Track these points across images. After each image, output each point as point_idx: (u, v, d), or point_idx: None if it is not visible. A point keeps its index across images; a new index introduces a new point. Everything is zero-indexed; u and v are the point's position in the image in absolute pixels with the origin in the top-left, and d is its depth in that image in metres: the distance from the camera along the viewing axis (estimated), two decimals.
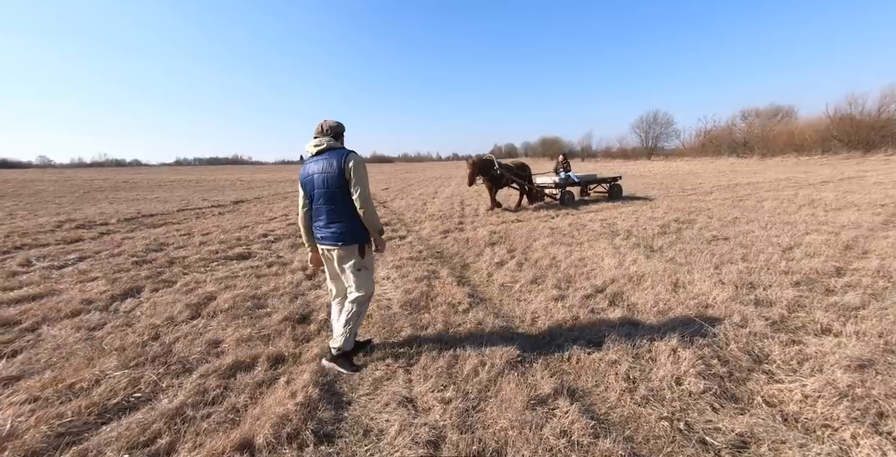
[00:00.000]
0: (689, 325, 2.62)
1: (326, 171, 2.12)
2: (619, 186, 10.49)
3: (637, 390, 1.95)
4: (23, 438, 1.65)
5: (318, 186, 2.14)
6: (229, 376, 2.18)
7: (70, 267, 4.38)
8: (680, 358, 2.18)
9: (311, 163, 2.19)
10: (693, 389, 1.93)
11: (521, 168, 8.94)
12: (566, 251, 4.86)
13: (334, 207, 2.14)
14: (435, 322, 2.87)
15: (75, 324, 2.81)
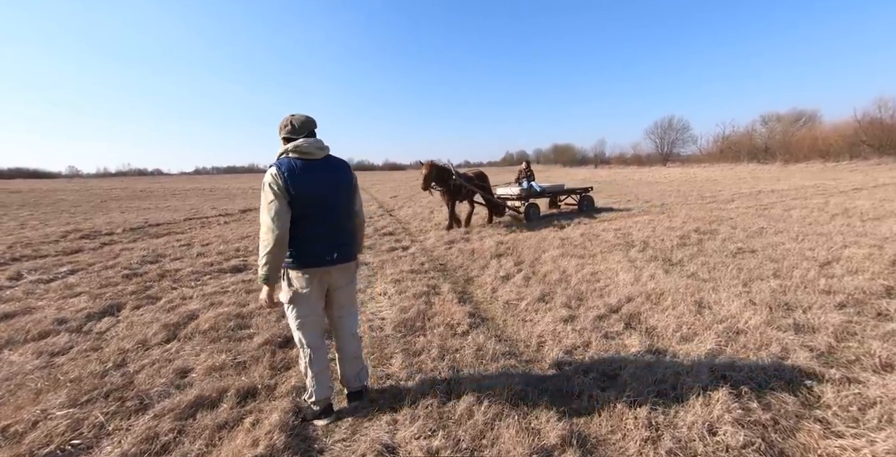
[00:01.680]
0: (719, 355, 2.25)
1: (342, 180, 1.86)
2: (591, 197, 9.67)
3: (661, 441, 1.60)
4: None
5: (330, 198, 1.79)
6: (188, 417, 1.92)
7: (59, 281, 4.26)
8: (711, 399, 1.82)
9: (312, 170, 1.74)
10: (731, 441, 1.56)
11: (480, 178, 7.84)
12: (577, 264, 4.50)
13: (347, 220, 1.90)
14: (430, 347, 2.57)
15: (38, 348, 2.60)
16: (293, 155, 1.76)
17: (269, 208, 1.66)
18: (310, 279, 1.80)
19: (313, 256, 1.77)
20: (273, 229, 1.65)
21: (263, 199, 1.69)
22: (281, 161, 1.75)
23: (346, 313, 1.98)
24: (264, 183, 1.69)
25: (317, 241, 1.78)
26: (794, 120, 41.61)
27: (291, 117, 1.82)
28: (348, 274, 1.94)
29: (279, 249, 1.68)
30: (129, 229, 8.09)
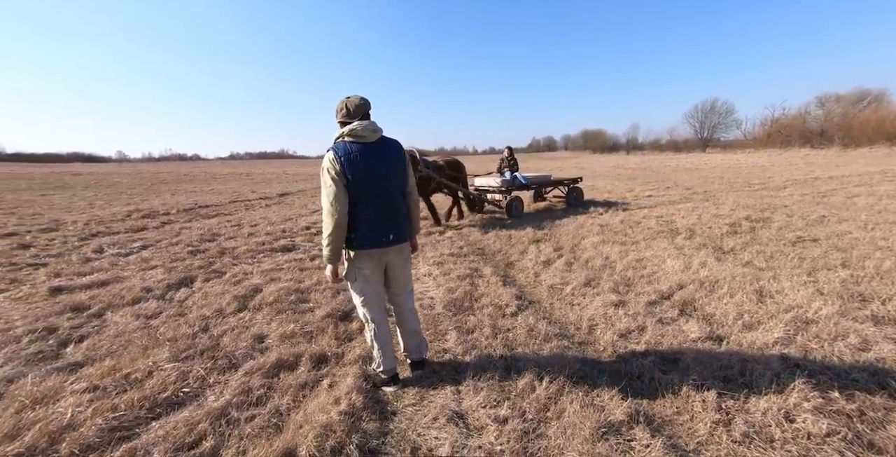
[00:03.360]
0: (789, 344, 2.19)
1: (396, 162, 1.88)
2: (580, 189, 8.61)
3: (734, 425, 1.61)
4: (79, 430, 1.67)
5: (385, 180, 1.83)
6: (273, 376, 2.13)
7: (135, 255, 4.70)
8: (786, 387, 1.79)
9: (367, 154, 1.76)
10: (812, 429, 1.55)
11: (453, 167, 6.83)
12: (620, 251, 4.43)
13: (401, 202, 1.95)
14: (482, 325, 2.66)
15: (135, 311, 2.94)
16: (349, 139, 1.77)
17: (329, 193, 1.72)
18: (369, 259, 1.88)
19: (372, 238, 1.83)
20: (333, 213, 1.72)
21: (322, 183, 1.75)
22: (337, 145, 1.77)
23: (403, 291, 2.07)
24: (323, 168, 1.74)
25: (374, 223, 1.82)
26: (857, 100, 37.42)
27: (346, 101, 1.82)
28: (404, 254, 2.01)
29: (340, 232, 1.75)
30: (183, 210, 8.69)
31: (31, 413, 1.77)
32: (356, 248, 1.84)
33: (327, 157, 1.75)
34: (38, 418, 1.73)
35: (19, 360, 2.25)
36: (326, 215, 1.74)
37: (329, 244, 1.77)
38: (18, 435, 1.64)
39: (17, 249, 4.85)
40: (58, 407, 1.80)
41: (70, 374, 2.12)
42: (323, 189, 1.75)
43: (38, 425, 1.68)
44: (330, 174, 1.72)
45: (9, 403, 1.86)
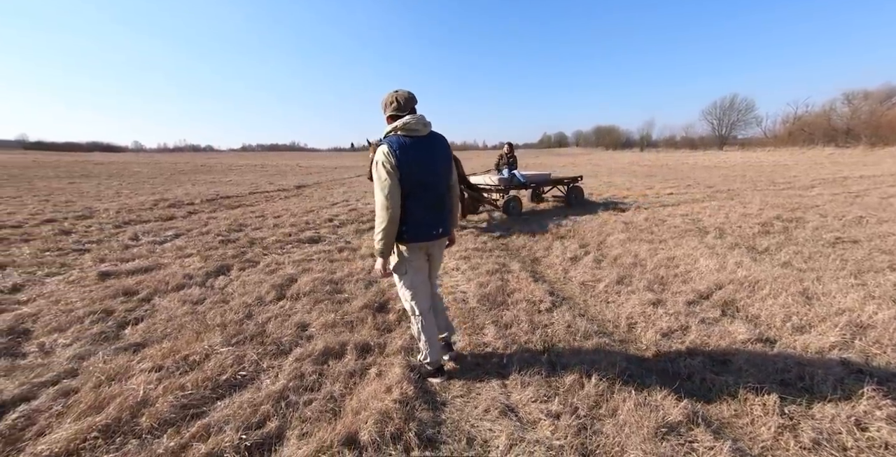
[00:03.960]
0: (847, 348, 2.16)
1: (445, 156, 1.89)
2: (580, 188, 8.14)
3: (801, 431, 1.60)
4: (155, 406, 1.76)
5: (436, 174, 1.84)
6: (322, 363, 2.19)
7: (169, 243, 4.83)
8: (853, 393, 1.76)
9: (419, 147, 1.77)
10: (889, 439, 1.52)
11: None
12: (649, 249, 4.38)
13: (448, 196, 1.97)
14: (518, 321, 2.68)
15: (181, 297, 3.04)
16: (401, 133, 1.77)
17: (383, 187, 1.71)
18: (418, 252, 1.92)
19: (422, 232, 1.85)
20: (387, 207, 1.72)
21: (377, 177, 1.73)
22: (390, 139, 1.76)
23: (435, 277, 2.18)
24: (377, 161, 1.73)
25: (425, 216, 1.84)
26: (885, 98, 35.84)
27: (396, 94, 1.82)
28: (443, 247, 2.08)
29: (393, 226, 1.75)
30: (206, 200, 8.86)
31: (107, 388, 1.87)
32: (407, 241, 1.85)
33: (381, 150, 1.74)
34: (115, 393, 1.83)
35: (86, 339, 2.36)
36: (381, 209, 1.74)
37: (383, 238, 1.77)
38: (102, 408, 1.74)
39: (59, 234, 5.03)
40: (130, 384, 1.90)
41: (134, 354, 2.22)
42: (377, 183, 1.74)
43: (117, 399, 1.79)
44: (385, 168, 1.71)
45: (86, 378, 1.97)
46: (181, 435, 1.61)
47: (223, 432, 1.63)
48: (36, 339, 2.37)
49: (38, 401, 1.79)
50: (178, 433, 1.63)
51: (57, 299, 2.91)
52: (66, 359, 2.14)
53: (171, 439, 1.59)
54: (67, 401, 1.80)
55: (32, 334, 2.41)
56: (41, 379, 1.95)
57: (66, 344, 2.31)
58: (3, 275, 3.43)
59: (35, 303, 2.86)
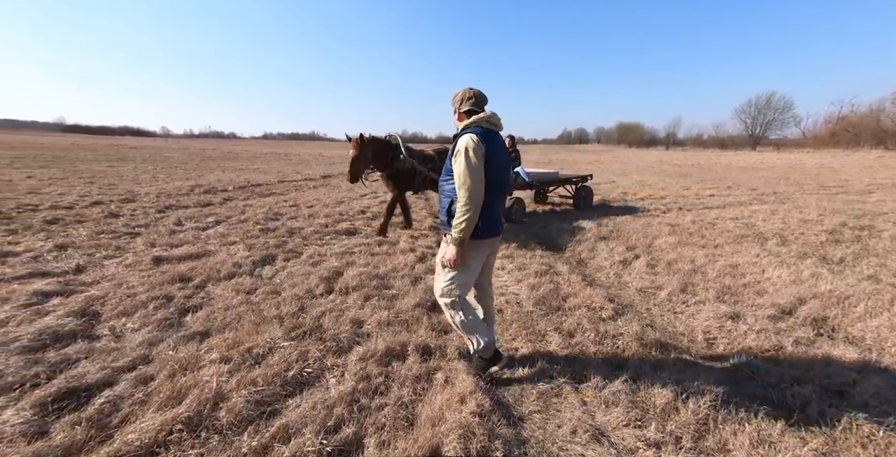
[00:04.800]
0: None
1: (507, 153, 1.92)
2: (589, 189, 7.28)
3: None
4: (231, 400, 1.72)
5: (506, 170, 1.88)
6: (386, 364, 2.12)
7: (211, 229, 4.88)
8: None
9: (498, 142, 1.82)
10: None
11: (443, 157, 5.20)
12: (706, 255, 4.13)
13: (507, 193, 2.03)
14: (582, 329, 2.54)
15: (233, 286, 3.03)
16: (485, 125, 1.79)
17: (473, 175, 1.69)
18: (484, 248, 1.91)
19: (493, 228, 1.86)
20: (475, 196, 1.70)
21: (465, 165, 1.69)
22: (476, 129, 1.77)
23: (489, 278, 2.16)
24: (466, 149, 1.70)
25: (496, 211, 1.87)
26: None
27: (471, 90, 1.87)
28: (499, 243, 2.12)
29: (476, 215, 1.73)
30: (238, 188, 8.99)
31: (182, 378, 1.86)
32: (479, 237, 1.82)
33: (470, 138, 1.72)
34: (190, 384, 1.82)
35: (152, 325, 2.37)
36: (467, 198, 1.70)
37: (466, 226, 1.72)
38: (181, 400, 1.72)
39: (109, 217, 5.17)
40: (203, 376, 1.88)
41: (200, 343, 2.21)
42: (466, 169, 1.69)
43: (193, 391, 1.77)
44: (477, 154, 1.70)
45: (161, 366, 1.96)
46: (261, 434, 1.57)
47: (302, 434, 1.57)
48: (106, 322, 2.40)
49: (120, 387, 1.79)
50: (257, 432, 1.59)
51: (119, 283, 2.95)
52: (136, 344, 2.15)
53: (252, 438, 1.55)
54: (147, 389, 1.79)
55: (102, 317, 2.44)
56: (118, 364, 1.95)
57: (134, 329, 2.32)
58: (66, 255, 3.52)
59: (100, 285, 2.90)
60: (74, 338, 2.18)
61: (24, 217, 4.84)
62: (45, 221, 4.68)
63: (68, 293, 2.70)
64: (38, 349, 2.04)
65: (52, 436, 1.48)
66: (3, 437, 1.46)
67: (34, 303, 2.51)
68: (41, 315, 2.38)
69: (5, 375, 1.81)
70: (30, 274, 3.00)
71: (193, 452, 1.47)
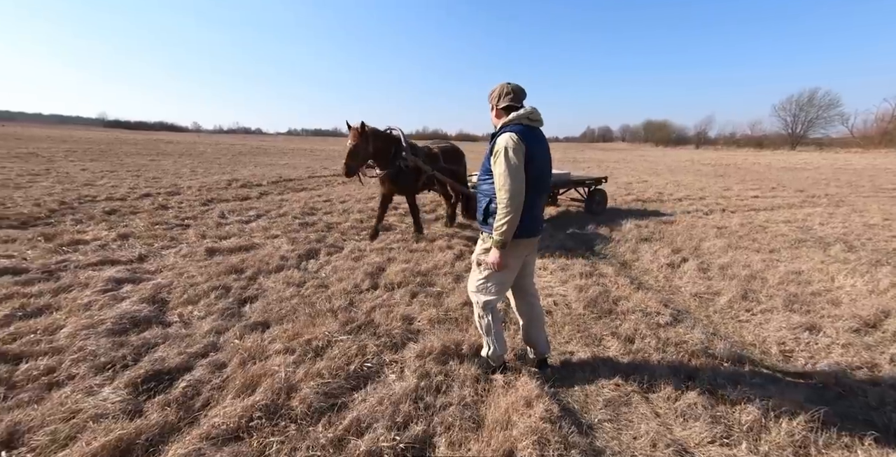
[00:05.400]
0: None
1: (548, 152, 1.86)
2: (604, 192, 6.58)
3: None
4: (300, 392, 1.75)
5: (547, 168, 1.84)
6: (443, 362, 2.11)
7: (253, 222, 5.03)
8: None
9: (539, 139, 1.78)
10: None
11: (451, 157, 4.88)
12: (762, 260, 3.90)
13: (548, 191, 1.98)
14: (641, 334, 2.44)
15: (283, 278, 3.10)
16: (526, 122, 1.74)
17: (513, 176, 1.65)
18: (525, 247, 1.88)
19: (533, 226, 1.83)
20: (516, 198, 1.66)
21: (505, 166, 1.65)
22: (515, 127, 1.71)
23: (532, 278, 2.09)
24: (505, 147, 1.65)
25: (536, 210, 1.83)
26: None
27: (509, 85, 1.80)
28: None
29: (517, 217, 1.69)
30: (272, 183, 9.24)
31: (252, 367, 1.91)
32: (521, 236, 1.79)
33: (510, 137, 1.67)
34: (260, 372, 1.86)
35: (216, 313, 2.46)
36: (509, 199, 1.66)
37: (508, 228, 1.70)
38: (255, 388, 1.77)
39: (159, 209, 5.42)
40: (271, 365, 1.92)
41: (261, 333, 2.28)
42: (506, 169, 1.65)
43: (265, 379, 1.81)
44: (518, 154, 1.66)
45: (230, 355, 2.03)
46: (335, 427, 1.59)
47: (374, 429, 1.58)
48: (173, 309, 2.51)
49: (197, 372, 1.86)
50: (331, 424, 1.61)
51: (180, 272, 3.08)
52: (205, 332, 2.24)
53: (326, 430, 1.57)
54: (221, 375, 1.86)
55: (169, 304, 2.56)
56: (192, 350, 2.04)
57: (200, 317, 2.42)
58: (128, 244, 3.71)
59: (163, 274, 3.04)
60: (149, 323, 2.29)
61: (85, 208, 5.15)
62: (105, 212, 4.96)
63: (137, 281, 2.85)
64: (120, 333, 2.16)
65: (147, 415, 1.56)
66: (107, 413, 1.55)
67: (110, 289, 2.66)
68: (118, 301, 2.51)
69: (98, 355, 1.92)
70: (100, 261, 3.18)
71: (275, 439, 1.50)
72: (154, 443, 1.45)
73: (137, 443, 1.42)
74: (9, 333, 2.07)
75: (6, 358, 1.87)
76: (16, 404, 1.58)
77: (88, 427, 1.48)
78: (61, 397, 1.63)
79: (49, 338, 2.06)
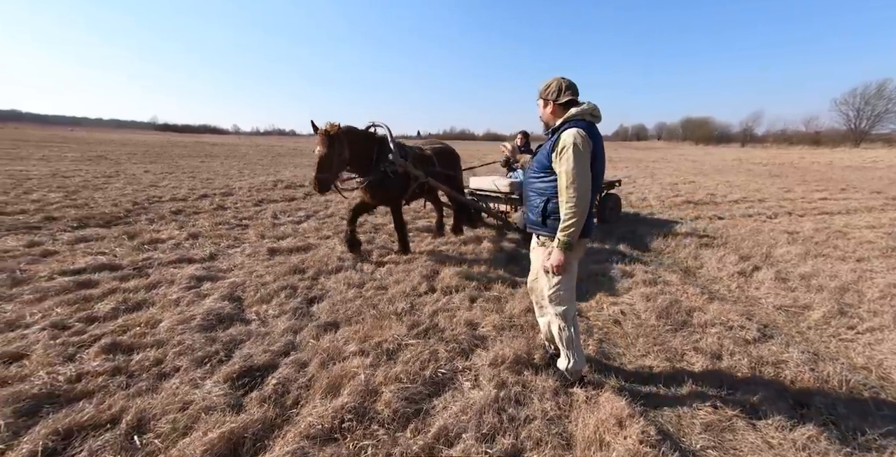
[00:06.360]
0: None
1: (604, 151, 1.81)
2: (617, 197, 5.82)
3: None
4: (382, 396, 1.75)
5: (604, 167, 1.78)
6: (518, 372, 2.04)
7: (304, 223, 5.19)
8: None
9: (600, 138, 1.72)
10: None
11: (445, 159, 4.24)
12: (852, 270, 3.53)
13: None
14: (729, 351, 2.25)
15: (343, 279, 3.16)
16: (589, 118, 1.69)
17: (582, 174, 1.60)
18: (583, 249, 1.84)
19: (591, 226, 1.78)
20: (584, 196, 1.61)
21: (573, 163, 1.60)
22: (581, 123, 1.66)
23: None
24: (574, 145, 1.60)
25: (592, 209, 1.77)
26: None
27: (565, 80, 1.75)
28: None
29: (584, 217, 1.65)
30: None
31: (333, 368, 1.94)
32: (584, 235, 1.74)
33: (578, 133, 1.62)
34: (341, 373, 1.89)
35: (289, 313, 2.54)
36: (577, 198, 1.61)
37: (575, 229, 1.64)
38: (339, 389, 1.79)
39: (218, 209, 5.74)
40: (350, 367, 1.94)
41: (333, 333, 2.32)
42: (575, 167, 1.60)
43: (347, 381, 1.84)
44: (586, 151, 1.61)
45: (310, 354, 2.08)
46: (423, 434, 1.58)
47: (463, 440, 1.55)
48: (250, 307, 2.62)
49: (283, 371, 1.92)
50: (419, 431, 1.60)
51: (249, 271, 3.22)
52: (281, 330, 2.31)
53: (415, 436, 1.56)
54: (306, 374, 1.90)
55: (245, 302, 2.68)
56: (274, 348, 2.11)
57: (274, 315, 2.51)
58: (199, 243, 3.94)
59: (234, 273, 3.20)
60: (232, 320, 2.41)
61: (155, 208, 5.54)
62: (172, 212, 5.31)
63: (214, 279, 3.01)
64: (209, 328, 2.28)
65: (248, 410, 1.62)
66: (215, 406, 1.63)
67: (193, 286, 2.83)
68: (201, 298, 2.66)
69: (195, 349, 2.03)
70: (179, 259, 3.39)
71: (368, 443, 1.51)
72: (259, 438, 1.50)
73: (245, 437, 1.48)
74: (119, 325, 2.24)
75: (121, 348, 2.02)
76: (136, 392, 1.70)
77: (202, 419, 1.56)
78: (172, 387, 1.73)
79: (151, 331, 2.21)
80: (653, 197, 8.49)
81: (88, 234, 4.07)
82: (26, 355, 1.91)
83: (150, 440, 1.46)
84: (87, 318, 2.32)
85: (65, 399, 1.63)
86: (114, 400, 1.63)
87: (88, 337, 2.10)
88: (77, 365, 1.85)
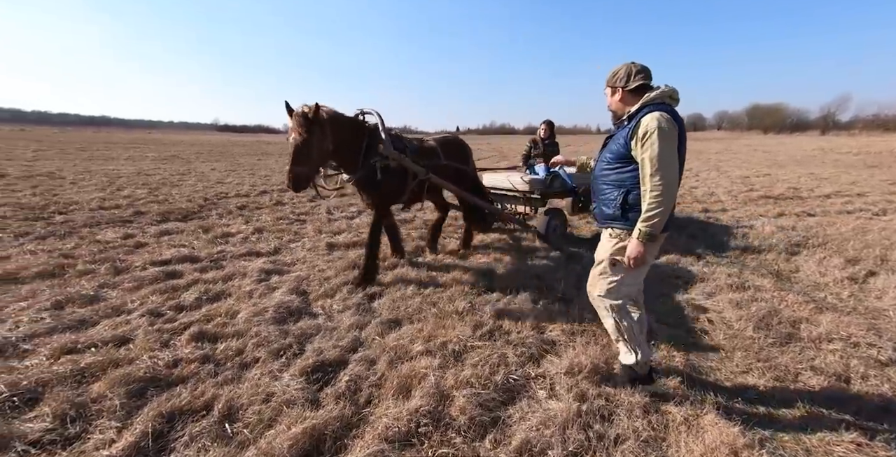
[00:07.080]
0: None
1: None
2: None
3: None
4: (456, 402, 1.69)
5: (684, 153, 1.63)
6: (597, 383, 1.87)
7: (356, 219, 5.24)
8: None
9: (683, 123, 1.59)
10: None
11: (453, 151, 3.52)
12: None
13: None
14: (860, 373, 1.93)
15: (400, 276, 3.12)
16: (669, 101, 1.60)
17: (669, 160, 1.49)
18: (661, 241, 1.69)
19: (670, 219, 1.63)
20: (672, 184, 1.50)
21: (659, 149, 1.47)
22: (663, 107, 1.55)
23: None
24: (660, 129, 1.47)
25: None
26: None
27: (635, 65, 1.65)
28: None
29: (670, 207, 1.53)
30: None
31: (402, 368, 1.90)
32: (664, 229, 1.61)
33: (661, 116, 1.50)
34: (410, 373, 1.85)
35: (352, 308, 2.56)
36: (665, 186, 1.48)
37: (660, 219, 1.51)
38: (410, 391, 1.75)
39: (277, 205, 6.06)
40: (418, 367, 1.89)
41: (397, 331, 2.30)
42: (660, 153, 1.48)
43: (418, 383, 1.79)
44: (673, 135, 1.51)
45: (377, 352, 2.06)
46: (504, 446, 1.48)
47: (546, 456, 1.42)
48: (315, 301, 2.68)
49: (354, 368, 1.91)
50: (498, 443, 1.50)
51: (312, 265, 3.33)
52: (347, 326, 2.32)
53: (496, 448, 1.47)
54: (375, 373, 1.88)
55: (310, 296, 2.75)
56: (342, 343, 2.12)
57: (339, 310, 2.54)
58: (263, 238, 4.16)
59: (297, 266, 3.32)
60: (301, 314, 2.47)
61: (223, 203, 5.97)
62: (237, 207, 5.68)
63: (281, 272, 3.14)
64: (281, 321, 2.35)
65: (325, 407, 1.62)
66: (295, 400, 1.65)
67: (263, 279, 2.97)
68: (271, 290, 2.77)
69: (271, 341, 2.10)
70: (248, 252, 3.59)
71: (448, 451, 1.44)
72: (339, 436, 1.49)
73: (326, 434, 1.48)
74: (203, 314, 2.39)
75: (207, 337, 2.14)
76: (223, 380, 1.78)
77: (284, 412, 1.58)
78: (254, 378, 1.79)
79: (231, 321, 2.32)
80: (722, 192, 7.68)
81: (170, 227, 4.46)
82: (131, 340, 2.08)
83: (239, 430, 1.50)
84: (176, 306, 2.49)
85: (165, 383, 1.74)
86: (205, 387, 1.71)
87: (179, 325, 2.25)
88: (172, 351, 1.97)
